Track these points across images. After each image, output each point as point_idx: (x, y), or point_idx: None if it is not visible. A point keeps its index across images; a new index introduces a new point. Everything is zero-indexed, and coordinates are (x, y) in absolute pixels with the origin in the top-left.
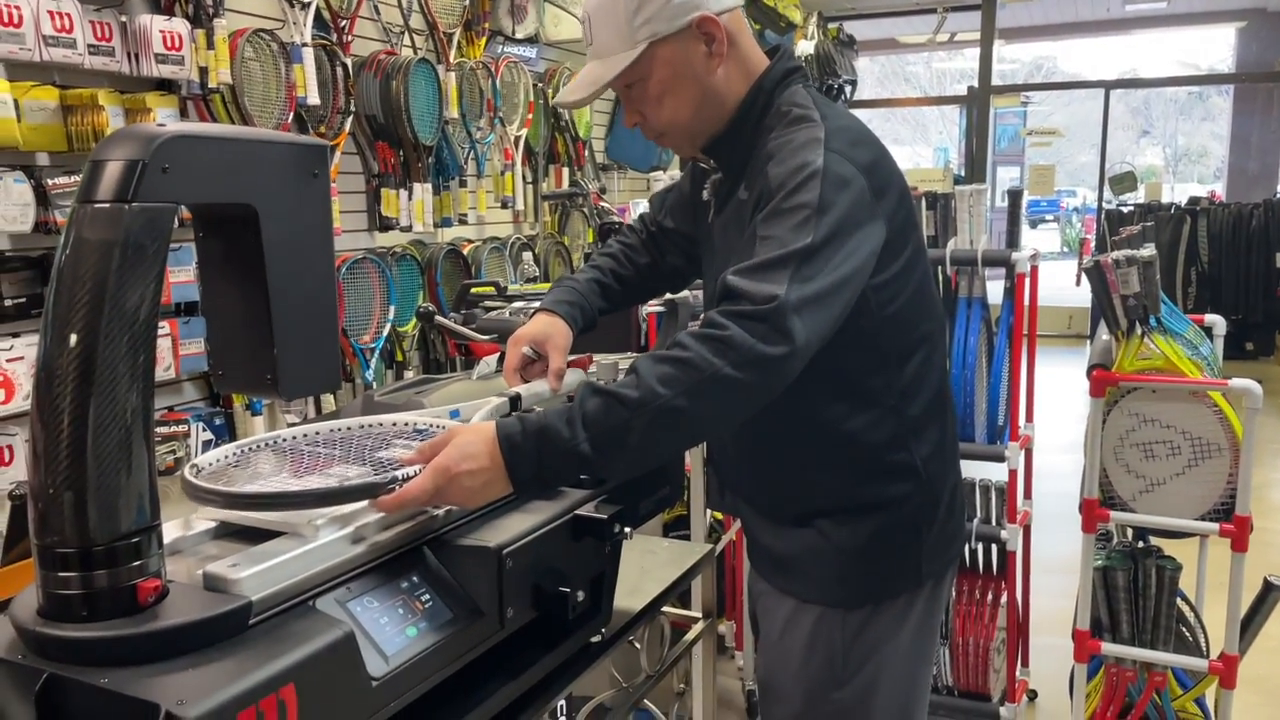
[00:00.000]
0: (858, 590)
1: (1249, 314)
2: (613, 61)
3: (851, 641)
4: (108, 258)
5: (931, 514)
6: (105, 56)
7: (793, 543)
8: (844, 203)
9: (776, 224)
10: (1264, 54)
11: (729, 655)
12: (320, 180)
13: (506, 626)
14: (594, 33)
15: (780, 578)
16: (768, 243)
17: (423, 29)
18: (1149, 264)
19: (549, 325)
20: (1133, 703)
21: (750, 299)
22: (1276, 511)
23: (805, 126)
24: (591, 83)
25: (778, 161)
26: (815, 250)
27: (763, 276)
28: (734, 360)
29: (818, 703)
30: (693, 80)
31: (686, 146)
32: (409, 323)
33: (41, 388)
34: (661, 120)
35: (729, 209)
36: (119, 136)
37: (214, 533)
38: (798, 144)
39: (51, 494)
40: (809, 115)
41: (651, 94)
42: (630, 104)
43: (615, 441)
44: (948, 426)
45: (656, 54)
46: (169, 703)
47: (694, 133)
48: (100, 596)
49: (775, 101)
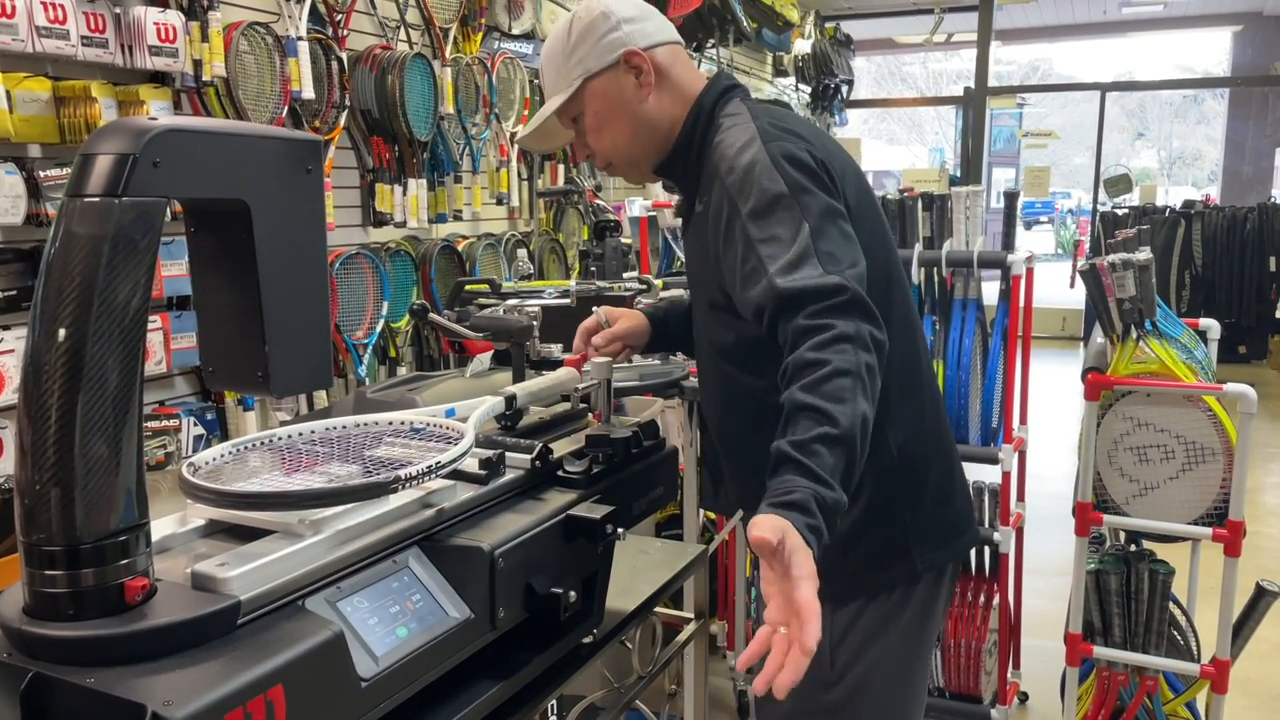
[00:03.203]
0: (843, 585)
1: (1243, 317)
2: (556, 99)
3: (840, 639)
4: (97, 253)
5: (914, 501)
6: (98, 48)
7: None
8: (808, 176)
9: (766, 223)
10: (1259, 58)
11: (721, 656)
12: (314, 176)
13: (498, 627)
14: (544, 77)
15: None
16: (770, 243)
17: (419, 24)
18: (1145, 268)
19: (635, 312)
20: (1124, 706)
21: (816, 294)
22: (1269, 516)
23: (736, 128)
24: (539, 118)
25: (728, 169)
26: (819, 229)
27: (800, 270)
28: (862, 345)
29: (807, 703)
30: (624, 110)
31: (634, 173)
32: (403, 319)
33: (29, 383)
34: (603, 148)
35: (692, 224)
36: (109, 130)
37: (204, 530)
38: (738, 147)
39: (38, 490)
40: (738, 119)
41: (590, 126)
42: (578, 138)
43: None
44: (927, 413)
45: (590, 88)
46: (155, 703)
47: (636, 158)
48: (87, 595)
49: (715, 118)
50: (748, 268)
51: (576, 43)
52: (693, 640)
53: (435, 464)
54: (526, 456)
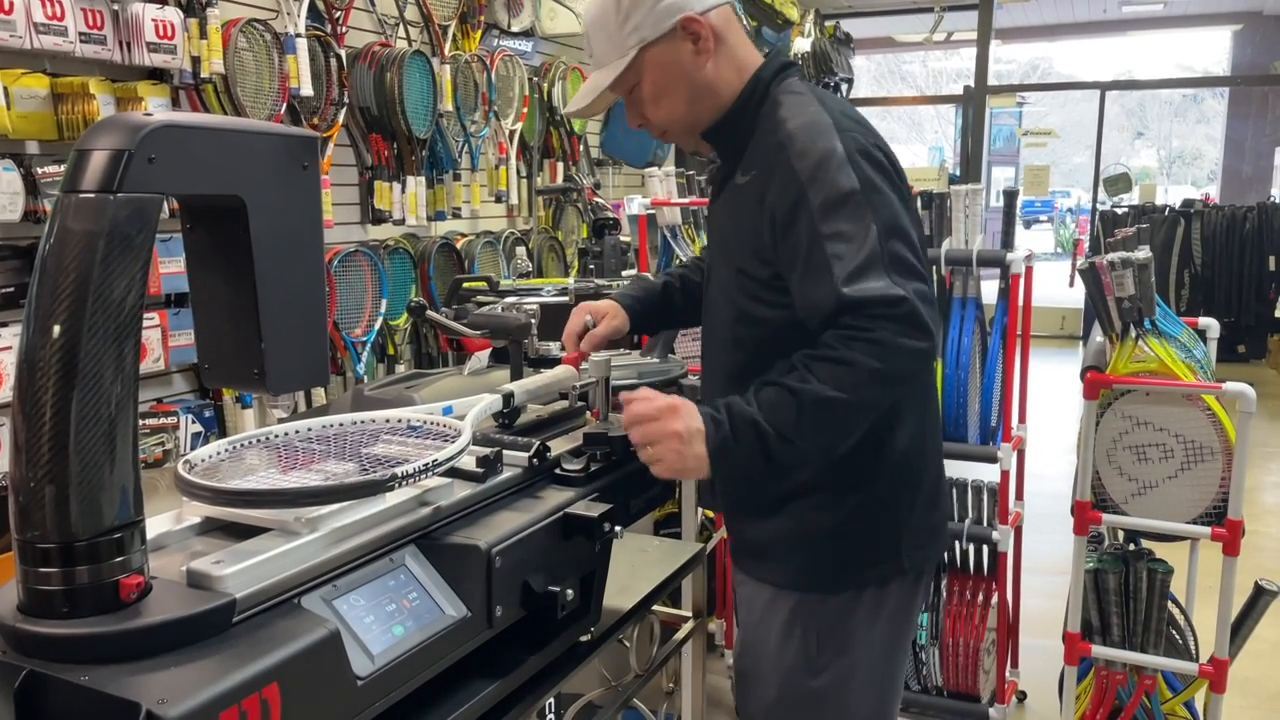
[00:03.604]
0: (834, 575)
1: (1241, 317)
2: (609, 69)
3: (829, 629)
4: (92, 249)
5: (910, 500)
6: (96, 44)
7: (768, 529)
8: (880, 173)
9: (834, 218)
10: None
11: (719, 654)
12: (310, 172)
13: (495, 625)
14: (592, 45)
15: (758, 566)
16: (836, 240)
17: (418, 21)
18: (1144, 267)
19: (613, 306)
20: (1122, 705)
21: (877, 303)
22: (1268, 515)
23: (803, 110)
24: (592, 90)
25: (799, 153)
26: (889, 231)
27: (867, 279)
28: (884, 355)
29: (793, 689)
30: (683, 77)
31: (688, 140)
32: (401, 316)
33: (23, 379)
34: (660, 118)
35: (725, 193)
36: (105, 125)
37: (200, 528)
38: (812, 131)
39: (32, 488)
40: (803, 100)
41: (648, 95)
42: (631, 107)
43: (785, 422)
44: (928, 416)
45: (646, 57)
46: (150, 702)
47: (692, 127)
48: (81, 593)
49: (772, 92)
50: (812, 262)
51: (630, 9)
52: (690, 639)
53: (432, 462)
54: (524, 454)
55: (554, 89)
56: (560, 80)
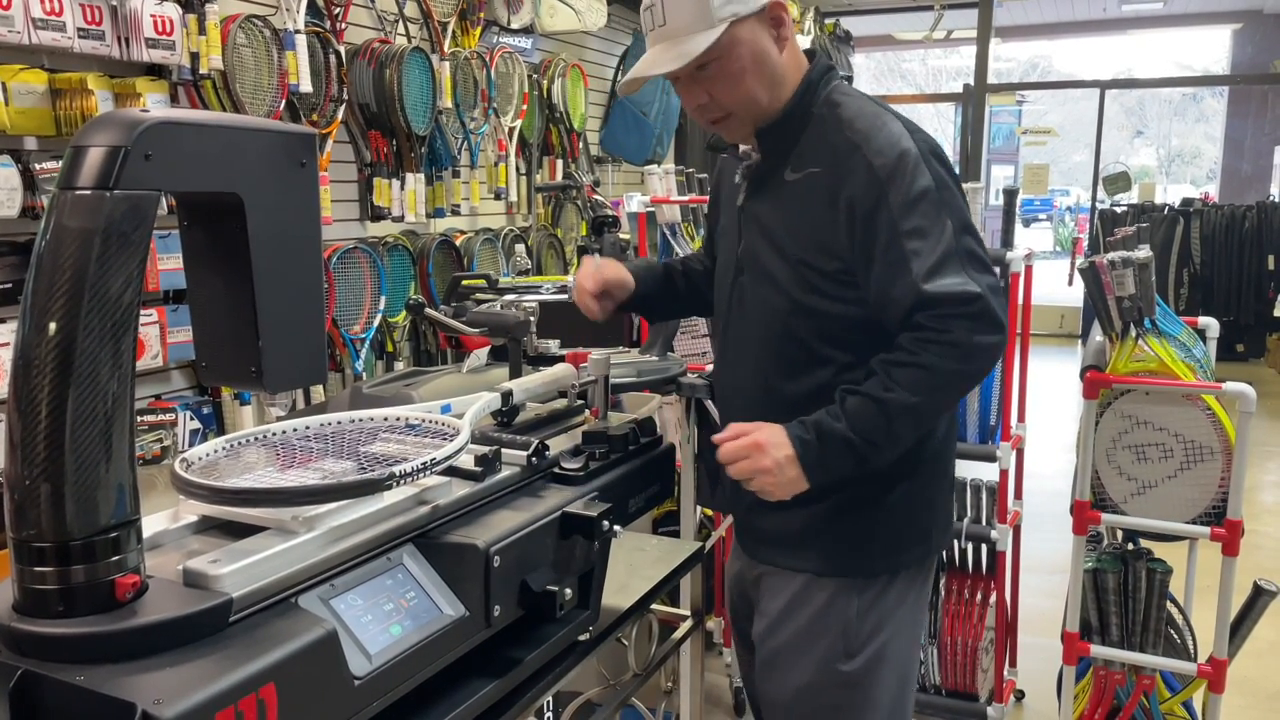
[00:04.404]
0: (875, 560)
1: (1241, 316)
2: (696, 39)
3: (865, 613)
4: (88, 246)
5: (940, 487)
6: (95, 40)
7: (805, 519)
8: (949, 173)
9: (912, 215)
10: (1259, 56)
11: (717, 653)
12: (308, 169)
13: (493, 624)
14: (666, 13)
15: (788, 555)
16: (915, 236)
17: (417, 18)
18: (1144, 266)
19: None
20: (1121, 705)
21: (953, 301)
22: (1267, 514)
23: (867, 110)
24: (679, 57)
25: (875, 152)
26: (962, 228)
27: (945, 275)
28: (962, 356)
29: (826, 674)
30: (765, 61)
31: (745, 129)
32: (400, 314)
33: (19, 377)
34: (733, 99)
35: (769, 190)
36: (101, 122)
37: (196, 527)
38: (885, 133)
39: (28, 486)
40: (864, 103)
41: (731, 72)
42: (697, 85)
43: (874, 430)
44: (954, 413)
45: (736, 34)
46: (145, 702)
47: (759, 114)
48: (77, 592)
49: (822, 92)
50: (891, 257)
51: None
52: (689, 637)
53: (430, 460)
54: (522, 453)
55: (553, 86)
56: (560, 78)
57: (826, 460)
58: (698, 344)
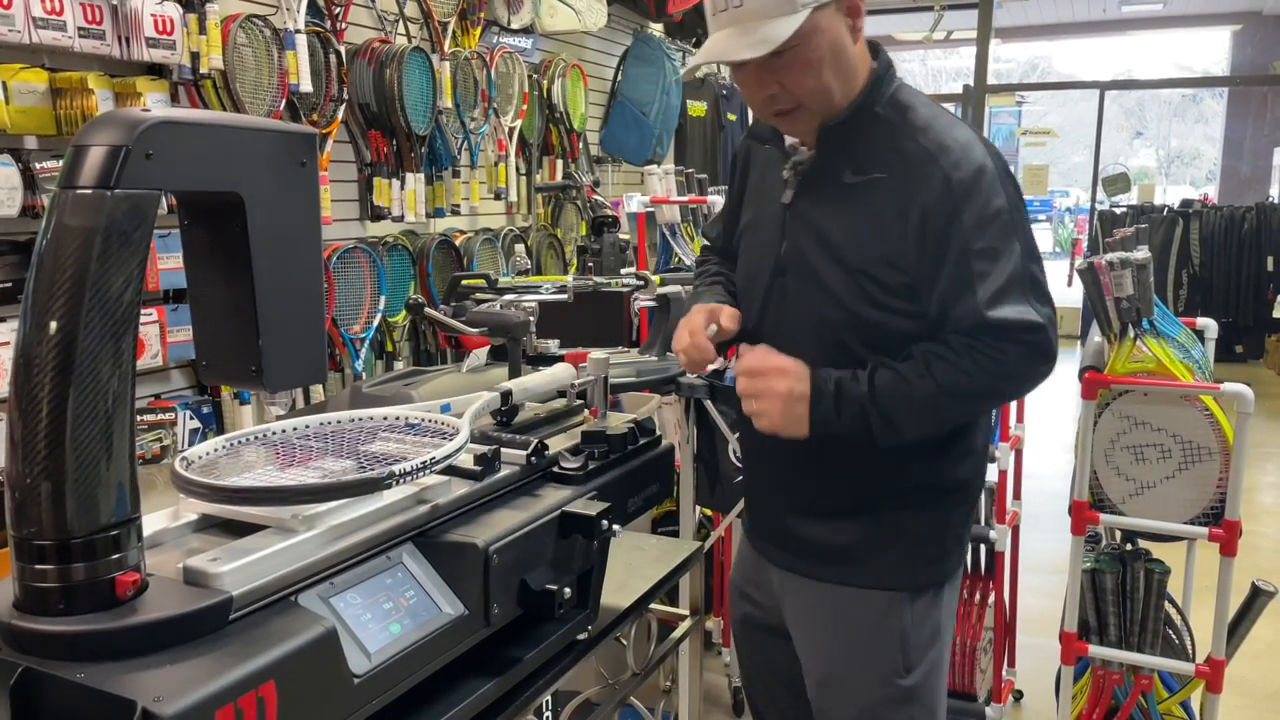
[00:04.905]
0: (927, 573)
1: (1239, 317)
2: (778, 24)
3: (920, 625)
4: (89, 245)
5: (977, 494)
6: (95, 39)
7: (850, 532)
8: (1018, 194)
9: (984, 235)
10: (1258, 57)
11: (716, 652)
12: (308, 169)
13: (492, 623)
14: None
15: (834, 570)
16: (984, 257)
17: (417, 18)
18: (1143, 267)
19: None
20: (1119, 705)
21: (1014, 328)
22: (1265, 515)
23: (942, 119)
24: (759, 43)
25: (953, 165)
26: (1029, 253)
27: (1009, 303)
28: (1004, 376)
29: (888, 691)
30: (842, 52)
31: (812, 123)
32: (399, 313)
33: (19, 376)
34: (808, 91)
35: (824, 191)
36: (102, 121)
37: (197, 525)
38: (962, 144)
39: (29, 484)
40: (938, 111)
41: (808, 61)
42: (769, 73)
43: (893, 412)
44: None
45: (817, 21)
46: (145, 699)
47: (829, 107)
48: (78, 590)
49: (885, 90)
50: (958, 275)
51: None
52: (688, 637)
53: (430, 459)
54: (522, 452)
55: (553, 86)
56: (560, 78)
57: (836, 418)
58: None
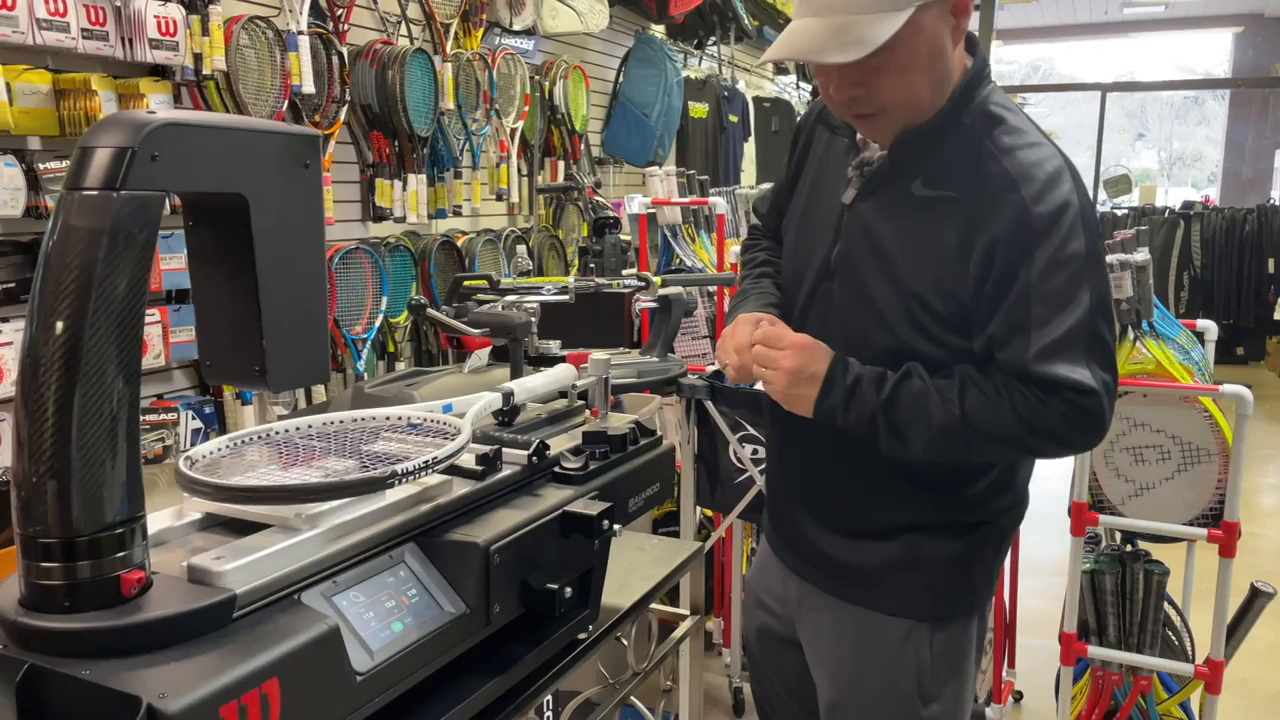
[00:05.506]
0: (952, 603)
1: (1240, 319)
2: (876, 24)
3: (943, 654)
4: (95, 245)
5: (1014, 529)
6: (99, 41)
7: (875, 555)
8: (1099, 239)
9: (1053, 278)
10: (1260, 59)
11: (716, 652)
12: (312, 171)
13: (493, 622)
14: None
15: (854, 590)
16: (1046, 302)
17: (420, 19)
18: (1143, 268)
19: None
20: (1118, 706)
21: (1065, 388)
22: (1265, 516)
23: (1043, 146)
24: (854, 45)
25: (1034, 197)
26: (1099, 307)
27: (1063, 360)
28: (1039, 434)
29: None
30: (939, 56)
31: (897, 128)
32: (401, 314)
33: (26, 375)
34: (895, 97)
35: (889, 199)
36: (108, 123)
37: (200, 524)
38: (1052, 175)
39: (35, 483)
40: (1033, 132)
41: (902, 66)
42: (856, 73)
43: (908, 426)
44: None
45: (919, 21)
46: (151, 696)
47: (914, 116)
48: (83, 587)
49: (975, 98)
50: (1014, 315)
51: None
52: (688, 637)
53: (432, 459)
54: (523, 452)
55: (555, 88)
56: (562, 79)
57: (843, 415)
58: (698, 345)
